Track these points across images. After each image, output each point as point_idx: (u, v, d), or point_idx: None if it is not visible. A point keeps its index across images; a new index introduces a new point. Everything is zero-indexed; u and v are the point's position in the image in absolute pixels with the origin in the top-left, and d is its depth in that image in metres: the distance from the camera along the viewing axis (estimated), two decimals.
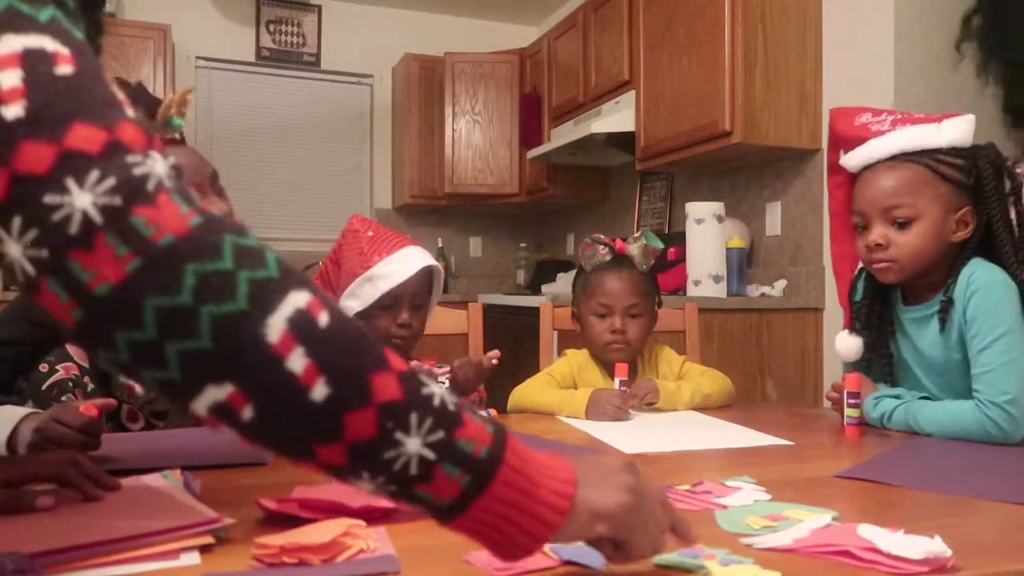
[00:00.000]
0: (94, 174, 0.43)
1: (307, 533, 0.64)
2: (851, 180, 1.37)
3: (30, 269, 0.43)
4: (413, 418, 0.50)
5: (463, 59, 4.43)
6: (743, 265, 2.94)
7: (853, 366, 1.40)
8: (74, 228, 0.43)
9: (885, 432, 1.27)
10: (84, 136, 0.44)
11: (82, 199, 0.43)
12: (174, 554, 0.64)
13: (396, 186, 4.73)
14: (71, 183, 0.43)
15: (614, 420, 1.39)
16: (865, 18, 2.66)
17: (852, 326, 1.41)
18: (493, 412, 1.40)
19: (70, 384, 1.27)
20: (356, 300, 1.54)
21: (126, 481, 0.83)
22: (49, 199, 0.42)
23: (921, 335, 1.30)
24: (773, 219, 3.07)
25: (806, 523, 0.72)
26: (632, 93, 3.38)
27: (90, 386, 1.29)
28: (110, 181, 0.44)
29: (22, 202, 0.43)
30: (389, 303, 1.52)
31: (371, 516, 0.73)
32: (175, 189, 0.46)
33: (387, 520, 0.75)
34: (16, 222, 0.43)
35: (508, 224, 5.02)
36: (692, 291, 2.81)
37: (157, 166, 0.46)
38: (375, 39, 4.70)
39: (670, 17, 3.09)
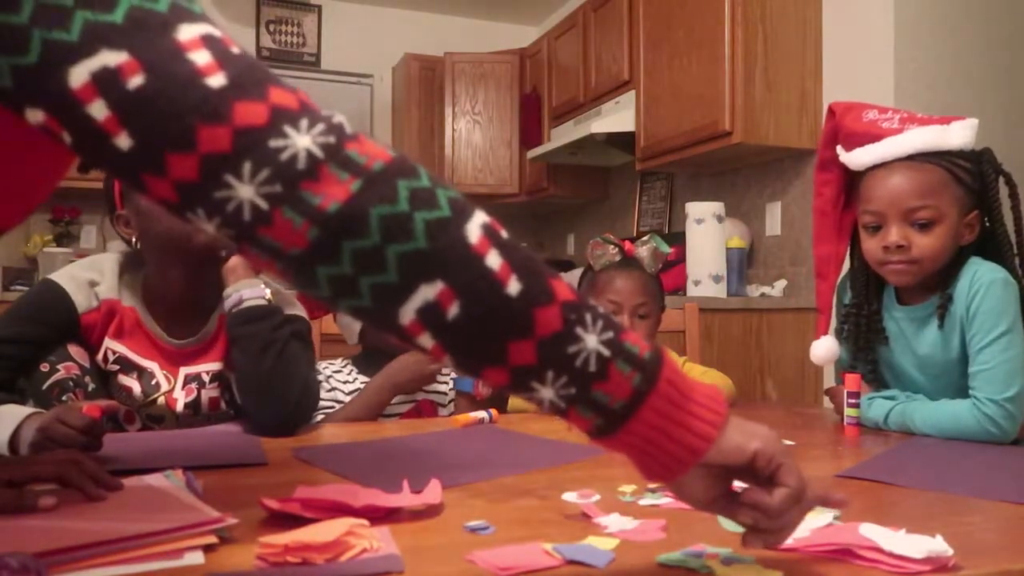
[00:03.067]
0: (304, 122, 0.51)
1: (311, 532, 0.64)
2: (841, 178, 1.35)
3: (263, 204, 0.50)
4: (587, 316, 0.55)
5: (463, 59, 4.43)
6: (743, 265, 2.94)
7: (838, 367, 1.40)
8: (301, 163, 0.50)
9: (885, 432, 1.27)
10: (281, 96, 0.52)
11: (302, 140, 0.50)
12: (177, 554, 0.64)
13: None
14: (289, 129, 0.50)
15: None
16: (865, 18, 2.66)
17: (839, 331, 1.40)
18: (494, 412, 1.40)
19: (71, 384, 1.27)
20: None
21: (128, 481, 0.83)
22: (273, 143, 0.49)
23: (919, 335, 1.30)
24: (773, 219, 3.07)
25: (807, 522, 0.72)
26: (632, 93, 3.38)
27: (91, 386, 1.29)
28: (320, 126, 0.51)
29: (249, 149, 0.49)
30: None
31: (374, 516, 0.73)
32: (365, 133, 0.54)
33: (390, 520, 0.75)
34: (247, 166, 0.49)
35: (508, 224, 4.81)
36: (692, 291, 2.82)
37: (342, 116, 0.54)
38: (375, 39, 4.70)
39: (670, 17, 3.09)
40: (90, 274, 1.34)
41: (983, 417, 1.17)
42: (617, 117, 3.47)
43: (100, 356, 1.33)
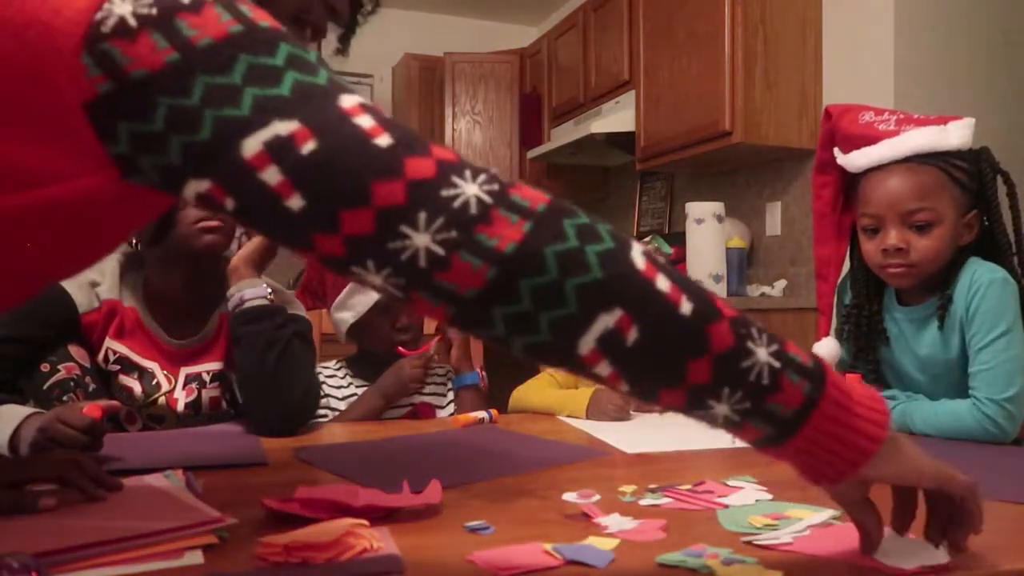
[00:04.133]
0: (468, 172, 0.54)
1: (311, 532, 0.64)
2: (840, 180, 1.35)
3: (440, 250, 0.52)
4: (754, 330, 0.57)
5: (463, 59, 4.43)
6: (743, 265, 2.94)
7: (840, 368, 1.39)
8: (473, 209, 0.53)
9: None
10: (442, 152, 0.55)
11: (471, 188, 0.53)
12: (177, 553, 0.64)
13: None
14: (457, 179, 0.53)
15: (615, 420, 1.39)
16: (865, 18, 2.66)
17: (840, 332, 1.40)
18: (494, 412, 1.40)
19: (71, 384, 1.27)
20: (349, 312, 1.54)
21: (128, 481, 0.83)
22: (445, 192, 0.52)
23: (919, 335, 1.30)
24: (773, 219, 3.08)
25: (808, 522, 0.72)
26: (632, 93, 3.38)
27: (91, 386, 1.29)
28: (483, 175, 0.54)
29: (423, 200, 0.52)
30: (384, 309, 1.52)
31: (374, 516, 0.73)
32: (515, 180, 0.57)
33: (390, 520, 0.75)
34: (422, 216, 0.52)
35: None
36: None
37: (495, 168, 0.57)
38: (375, 39, 4.67)
39: (670, 17, 3.09)
40: (91, 274, 1.34)
41: (983, 417, 1.17)
42: (617, 117, 3.47)
43: (101, 356, 1.33)
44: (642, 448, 1.14)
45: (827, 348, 1.40)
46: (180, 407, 1.36)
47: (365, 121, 0.54)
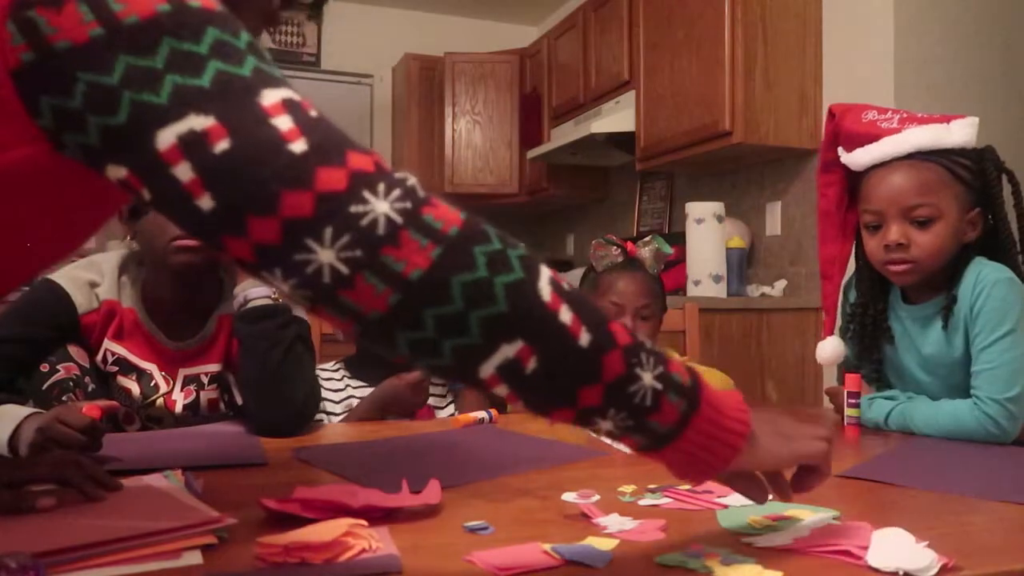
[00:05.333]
0: (381, 186, 0.52)
1: (310, 533, 0.64)
2: (844, 179, 1.35)
3: (344, 269, 0.51)
4: (643, 355, 0.60)
5: (463, 59, 4.43)
6: (743, 265, 2.94)
7: (844, 367, 1.40)
8: (381, 229, 0.51)
9: (885, 432, 1.27)
10: (358, 160, 0.53)
11: (381, 205, 0.51)
12: (176, 554, 0.64)
13: None
14: (368, 195, 0.51)
15: None
16: (865, 18, 2.66)
17: (844, 331, 1.40)
18: (494, 412, 1.40)
19: (71, 384, 1.27)
20: None
21: (128, 481, 0.83)
22: (354, 209, 0.51)
23: (924, 334, 1.29)
24: (773, 219, 3.07)
25: (807, 522, 0.72)
26: (632, 93, 3.38)
27: (91, 386, 1.29)
28: (396, 191, 0.52)
29: (330, 215, 0.50)
30: None
31: (373, 516, 0.73)
32: (435, 194, 0.55)
33: (389, 520, 0.75)
34: (328, 232, 0.50)
35: (508, 224, 4.86)
36: (692, 291, 2.82)
37: (413, 178, 0.55)
38: (375, 39, 4.71)
39: (670, 17, 3.09)
40: (90, 275, 1.33)
41: (984, 417, 1.17)
42: (617, 117, 3.47)
43: (99, 357, 1.33)
44: None
45: (831, 347, 1.40)
46: (178, 409, 1.36)
47: (283, 123, 0.52)
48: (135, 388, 1.33)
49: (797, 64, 2.83)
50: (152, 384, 1.34)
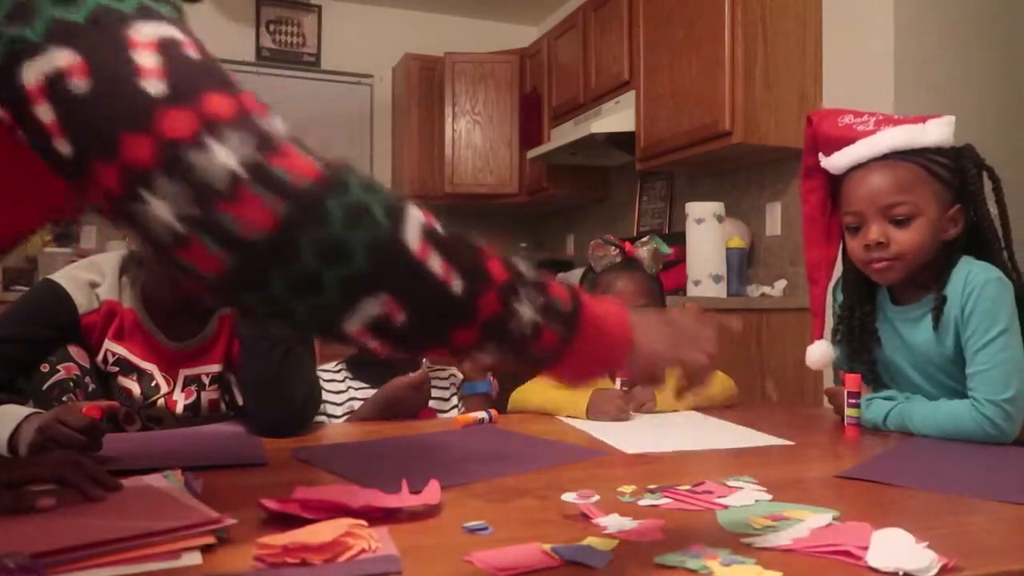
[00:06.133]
0: (231, 133, 0.48)
1: (309, 533, 0.64)
2: (827, 184, 1.38)
3: (179, 227, 0.47)
4: (522, 291, 0.60)
5: (463, 59, 4.42)
6: (743, 265, 2.94)
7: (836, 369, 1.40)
8: (221, 183, 0.46)
9: (885, 432, 1.27)
10: (216, 103, 0.48)
11: (222, 156, 0.47)
12: (175, 554, 0.64)
13: (396, 186, 4.71)
14: (212, 143, 0.47)
15: (615, 420, 1.39)
16: (865, 18, 2.66)
17: (834, 334, 1.41)
18: (494, 412, 1.40)
19: (71, 384, 1.27)
20: None
21: (127, 481, 0.83)
22: (194, 158, 0.46)
23: (914, 334, 1.30)
24: (773, 219, 3.07)
25: (807, 523, 0.72)
26: (632, 93, 3.38)
27: (91, 386, 1.29)
28: (246, 139, 0.48)
29: (168, 164, 0.46)
30: None
31: (373, 516, 0.73)
32: (297, 141, 0.52)
33: (389, 520, 0.75)
34: (163, 183, 0.46)
35: (508, 224, 5.02)
36: (692, 291, 2.81)
37: (278, 123, 0.51)
38: (375, 39, 4.70)
39: (670, 17, 3.09)
40: (90, 275, 1.33)
41: (982, 418, 1.17)
42: (617, 117, 3.47)
43: (100, 357, 1.33)
44: (642, 448, 1.14)
45: (819, 351, 1.42)
46: (179, 409, 1.36)
47: (146, 59, 0.48)
48: (136, 388, 1.33)
49: (797, 64, 2.83)
50: (153, 384, 1.34)
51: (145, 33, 0.49)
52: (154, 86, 0.47)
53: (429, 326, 0.55)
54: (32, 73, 0.48)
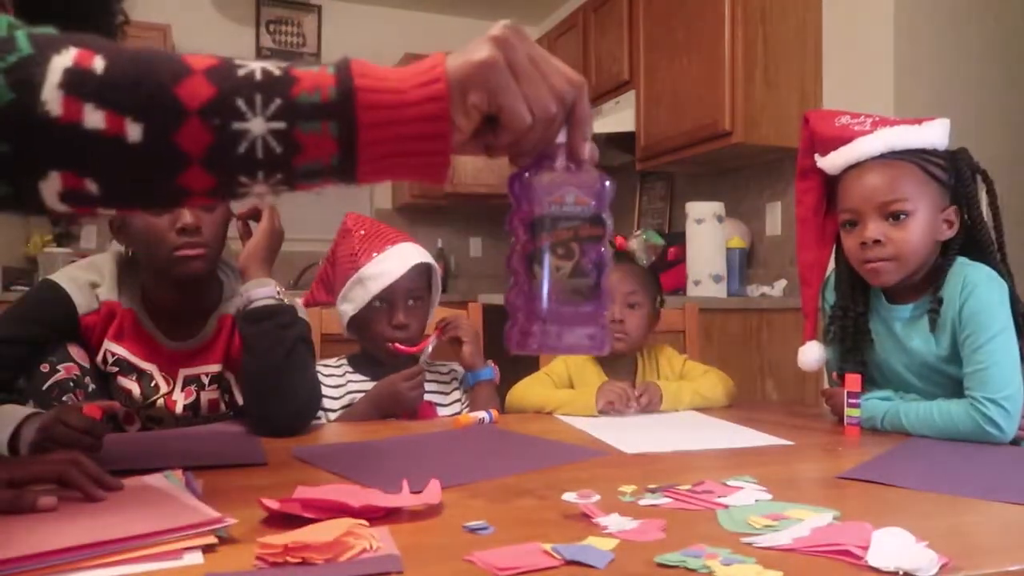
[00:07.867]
0: None
1: (310, 533, 0.64)
2: (822, 185, 1.38)
3: None
4: (240, 103, 0.49)
5: None
6: (743, 265, 2.94)
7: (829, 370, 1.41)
8: None
9: (885, 433, 1.27)
10: None
11: None
12: (177, 554, 0.64)
13: (396, 186, 4.72)
14: None
15: (622, 405, 1.42)
16: (865, 18, 2.66)
17: (826, 335, 1.41)
18: (494, 412, 1.40)
19: (71, 384, 1.27)
20: (350, 304, 1.53)
21: (128, 481, 0.83)
22: None
23: (910, 334, 1.30)
24: (773, 219, 3.07)
25: (807, 522, 0.72)
26: (632, 93, 3.38)
27: (91, 387, 1.29)
28: None
29: None
30: (382, 304, 1.51)
31: (373, 516, 0.73)
32: None
33: (390, 520, 0.75)
34: None
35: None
36: (692, 291, 2.81)
37: None
38: (375, 39, 4.70)
39: (670, 17, 3.09)
40: (90, 275, 1.33)
41: (981, 417, 1.17)
42: (617, 117, 3.47)
43: (100, 358, 1.33)
44: (642, 448, 1.14)
45: (811, 352, 1.42)
46: (179, 409, 1.36)
47: None
48: (135, 389, 1.33)
49: (797, 64, 2.83)
50: (152, 384, 1.34)
51: None
52: None
53: (139, 186, 0.48)
54: None
